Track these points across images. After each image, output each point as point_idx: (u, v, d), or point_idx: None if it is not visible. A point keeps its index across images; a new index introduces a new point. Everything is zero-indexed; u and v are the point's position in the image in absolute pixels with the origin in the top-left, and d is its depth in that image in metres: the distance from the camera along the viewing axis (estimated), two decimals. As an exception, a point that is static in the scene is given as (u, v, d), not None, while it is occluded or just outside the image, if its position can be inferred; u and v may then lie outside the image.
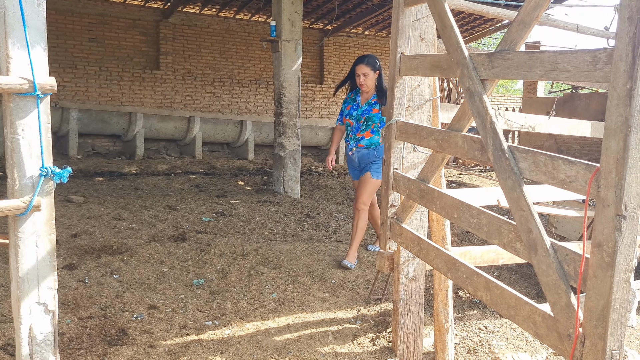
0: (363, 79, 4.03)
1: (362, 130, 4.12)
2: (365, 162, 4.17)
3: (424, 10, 2.66)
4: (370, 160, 4.14)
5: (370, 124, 4.10)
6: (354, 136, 4.17)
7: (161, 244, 4.48)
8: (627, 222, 1.37)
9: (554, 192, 2.92)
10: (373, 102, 4.11)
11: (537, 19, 1.73)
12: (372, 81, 4.06)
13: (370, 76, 4.04)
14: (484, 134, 1.87)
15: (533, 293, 4.04)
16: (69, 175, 1.82)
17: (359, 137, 4.14)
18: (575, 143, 9.07)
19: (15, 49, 1.70)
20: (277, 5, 7.03)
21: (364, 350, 2.94)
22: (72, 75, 9.89)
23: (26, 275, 1.81)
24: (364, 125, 4.12)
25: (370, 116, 4.08)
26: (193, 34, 11.05)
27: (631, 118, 1.32)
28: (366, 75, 4.02)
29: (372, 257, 4.61)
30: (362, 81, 4.04)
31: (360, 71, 4.04)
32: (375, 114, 4.07)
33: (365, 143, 4.13)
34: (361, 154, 4.16)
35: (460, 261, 2.10)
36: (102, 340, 2.84)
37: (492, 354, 3.05)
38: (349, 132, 4.21)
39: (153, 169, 8.76)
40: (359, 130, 4.13)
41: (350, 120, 4.18)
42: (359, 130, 4.13)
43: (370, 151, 4.14)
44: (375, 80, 4.08)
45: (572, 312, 1.53)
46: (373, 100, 4.12)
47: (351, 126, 4.18)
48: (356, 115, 4.14)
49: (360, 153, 4.16)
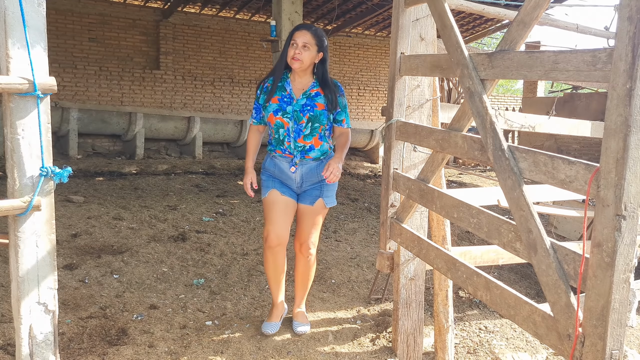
0: (299, 50, 2.71)
1: (307, 135, 2.80)
2: (312, 180, 2.86)
3: (424, 10, 2.66)
4: (320, 178, 2.85)
5: (316, 127, 2.80)
6: (295, 144, 2.81)
7: (161, 244, 4.49)
8: (626, 222, 1.37)
9: (554, 192, 2.92)
10: (314, 94, 2.81)
11: (537, 18, 1.73)
12: (310, 59, 2.76)
13: (310, 51, 2.74)
14: (484, 134, 1.87)
15: (533, 293, 4.04)
16: (69, 175, 1.82)
17: (305, 145, 2.81)
18: (575, 143, 9.07)
19: (15, 49, 1.70)
20: (277, 5, 7.03)
21: (364, 350, 2.95)
22: (72, 75, 9.89)
23: (26, 275, 1.81)
24: (307, 129, 2.80)
25: (315, 115, 2.78)
26: (193, 34, 11.05)
27: (631, 118, 1.32)
28: (306, 47, 2.72)
29: (372, 257, 4.61)
30: (297, 54, 2.71)
31: (300, 39, 2.72)
32: (321, 112, 2.79)
33: (314, 154, 2.84)
34: (308, 170, 2.84)
35: (460, 261, 2.10)
36: (102, 340, 2.85)
37: (492, 354, 3.05)
38: (281, 138, 2.82)
39: (153, 168, 8.76)
40: (301, 135, 2.80)
41: (284, 120, 2.79)
42: (300, 136, 2.80)
43: (320, 165, 2.85)
44: (314, 62, 2.80)
45: (572, 312, 1.53)
46: (313, 90, 2.82)
47: (285, 128, 2.80)
48: (292, 112, 2.78)
49: (307, 168, 2.84)
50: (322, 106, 2.80)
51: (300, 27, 2.78)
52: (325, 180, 2.76)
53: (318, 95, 2.82)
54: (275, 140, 2.87)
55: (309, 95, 2.81)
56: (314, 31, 2.76)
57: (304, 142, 2.81)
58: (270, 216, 2.83)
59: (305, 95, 2.81)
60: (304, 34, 2.74)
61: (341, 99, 2.85)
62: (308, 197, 2.88)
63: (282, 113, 2.79)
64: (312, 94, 2.82)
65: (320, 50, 2.78)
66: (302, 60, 2.73)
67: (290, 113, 2.79)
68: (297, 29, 2.77)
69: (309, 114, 2.78)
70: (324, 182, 2.85)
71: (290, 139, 2.81)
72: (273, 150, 2.89)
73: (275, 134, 2.84)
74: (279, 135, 2.82)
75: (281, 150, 2.84)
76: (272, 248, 2.83)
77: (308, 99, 2.80)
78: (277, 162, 2.87)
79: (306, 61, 2.74)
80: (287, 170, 2.85)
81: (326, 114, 2.81)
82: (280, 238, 2.81)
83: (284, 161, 2.85)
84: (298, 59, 2.72)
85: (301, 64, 2.74)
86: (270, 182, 2.88)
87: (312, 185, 2.88)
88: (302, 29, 2.76)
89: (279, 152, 2.85)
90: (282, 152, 2.84)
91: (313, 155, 2.84)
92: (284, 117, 2.79)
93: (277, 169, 2.87)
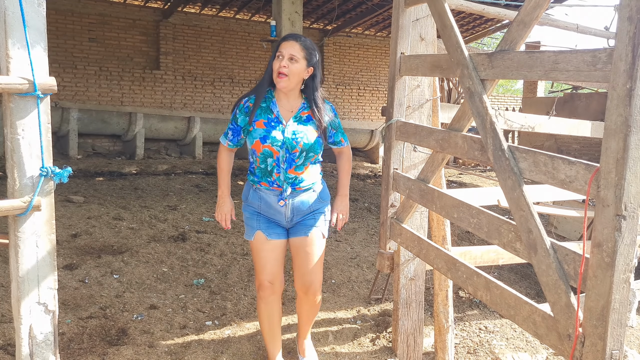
0: (286, 63, 2.31)
1: (299, 165, 2.40)
2: (304, 212, 2.47)
3: (424, 10, 2.66)
4: (312, 208, 2.48)
5: (310, 156, 2.42)
6: (285, 175, 2.38)
7: (161, 244, 4.49)
8: (626, 222, 1.37)
9: (554, 192, 2.92)
10: (305, 119, 2.42)
11: (537, 19, 1.73)
12: (298, 75, 2.35)
13: (299, 65, 2.34)
14: (484, 134, 1.87)
15: (533, 293, 4.04)
16: (69, 175, 1.82)
17: (296, 176, 2.40)
18: (575, 143, 9.07)
19: (15, 49, 1.70)
20: (277, 5, 7.03)
21: (364, 350, 2.95)
22: (72, 75, 9.90)
23: (26, 275, 1.81)
24: (301, 158, 2.39)
25: (309, 144, 2.39)
26: (193, 34, 11.06)
27: (631, 118, 1.32)
28: (294, 59, 2.32)
29: (372, 257, 4.61)
30: (283, 67, 2.31)
31: (287, 50, 2.33)
32: (316, 140, 2.41)
33: (307, 184, 2.45)
34: (299, 202, 2.44)
35: (460, 261, 2.10)
36: (102, 340, 2.85)
37: (492, 354, 3.05)
38: (268, 168, 2.39)
39: (153, 169, 8.76)
40: (293, 165, 2.39)
41: (273, 149, 2.35)
42: (292, 166, 2.38)
43: (311, 195, 2.47)
44: (303, 77, 2.39)
45: (572, 312, 1.53)
46: (303, 113, 2.43)
47: (274, 157, 2.36)
48: (284, 141, 2.35)
49: (298, 200, 2.44)
50: (315, 132, 2.41)
51: (287, 37, 2.38)
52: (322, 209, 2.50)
53: (309, 120, 2.42)
54: (260, 170, 2.40)
55: (299, 119, 2.41)
56: (302, 42, 2.36)
57: (296, 173, 2.40)
58: (260, 263, 2.46)
59: (296, 118, 2.41)
60: (291, 44, 2.34)
61: (335, 120, 2.52)
62: (301, 229, 2.47)
63: (270, 140, 2.34)
64: (302, 118, 2.42)
65: (310, 65, 2.37)
66: (289, 76, 2.31)
67: (280, 140, 2.35)
68: (284, 39, 2.38)
69: (303, 142, 2.37)
70: (318, 210, 2.50)
71: (280, 169, 2.38)
72: (257, 182, 2.43)
73: (261, 164, 2.38)
74: (266, 165, 2.38)
75: (268, 182, 2.40)
76: (266, 298, 2.48)
77: (299, 123, 2.40)
78: (263, 196, 2.43)
79: (293, 77, 2.33)
80: (274, 205, 2.42)
81: (319, 140, 2.43)
82: (274, 286, 2.47)
83: (271, 194, 2.42)
84: (284, 73, 2.31)
85: (287, 82, 2.32)
86: (255, 221, 2.45)
87: (304, 217, 2.47)
88: (290, 39, 2.36)
89: (265, 184, 2.41)
90: (269, 185, 2.40)
91: (305, 186, 2.44)
92: (273, 145, 2.34)
93: (263, 203, 2.43)
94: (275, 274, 2.46)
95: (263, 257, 2.45)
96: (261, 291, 2.47)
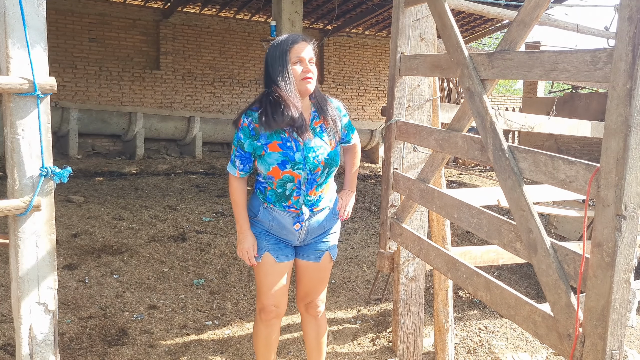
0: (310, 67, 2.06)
1: (321, 184, 2.15)
2: (318, 232, 2.24)
3: (424, 10, 2.66)
4: (326, 227, 2.25)
5: (332, 171, 2.17)
6: (305, 197, 2.12)
7: (161, 244, 4.49)
8: (627, 222, 1.37)
9: (554, 192, 2.92)
10: (319, 129, 2.14)
11: (537, 19, 1.73)
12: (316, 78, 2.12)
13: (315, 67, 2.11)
14: (484, 134, 1.87)
15: (533, 293, 4.04)
16: (69, 175, 1.82)
17: (315, 197, 2.16)
18: (575, 143, 9.07)
19: (15, 49, 1.70)
20: (277, 5, 7.03)
21: (364, 350, 2.95)
22: (72, 75, 9.90)
23: (26, 275, 1.81)
24: (322, 176, 2.14)
25: (331, 158, 2.13)
26: (193, 34, 11.06)
27: (631, 118, 1.32)
28: (311, 62, 2.09)
29: (372, 257, 4.61)
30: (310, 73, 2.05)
31: (306, 54, 2.06)
32: (335, 151, 2.17)
33: (325, 203, 2.21)
34: (315, 223, 2.20)
35: (460, 261, 2.10)
36: (102, 340, 2.85)
37: (492, 354, 3.05)
38: (287, 193, 2.11)
39: (153, 169, 8.77)
40: (314, 185, 2.13)
41: (295, 173, 2.07)
42: (313, 186, 2.13)
43: (328, 213, 2.25)
44: None
45: (572, 312, 1.53)
46: (316, 123, 2.14)
47: (295, 181, 2.09)
48: (306, 160, 2.07)
49: (315, 221, 2.20)
50: (333, 143, 2.15)
51: (298, 39, 2.06)
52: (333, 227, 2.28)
53: (322, 129, 2.14)
54: (274, 194, 2.12)
55: (314, 132, 2.12)
56: (311, 41, 2.10)
57: (317, 193, 2.15)
58: (264, 285, 2.22)
59: (317, 132, 2.13)
60: (305, 47, 2.05)
61: (345, 121, 2.27)
62: (312, 253, 2.26)
63: (291, 165, 2.05)
64: (316, 130, 2.13)
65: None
66: (314, 80, 2.07)
67: (301, 162, 2.06)
68: (296, 42, 2.05)
69: (324, 158, 2.10)
70: (330, 231, 2.27)
71: (300, 192, 2.11)
72: (270, 202, 2.15)
73: (279, 188, 2.10)
74: (284, 189, 2.10)
75: (283, 206, 2.14)
76: (268, 321, 2.26)
77: (315, 136, 2.11)
78: (276, 216, 2.15)
79: (314, 80, 2.08)
80: (288, 226, 2.16)
81: (338, 149, 2.19)
82: (278, 309, 2.26)
83: (287, 216, 2.15)
84: (311, 78, 2.05)
85: (313, 86, 2.08)
86: (264, 241, 2.19)
87: (317, 237, 2.25)
88: (301, 41, 2.06)
89: (279, 208, 2.15)
90: (284, 208, 2.14)
91: (323, 205, 2.20)
92: (294, 169, 2.05)
93: (276, 223, 2.16)
94: (281, 298, 2.25)
95: (270, 281, 2.20)
96: (264, 314, 2.25)
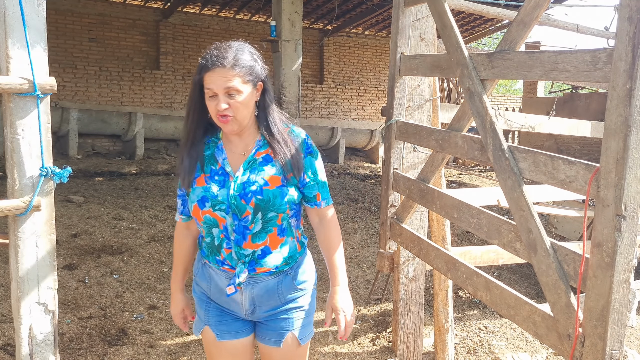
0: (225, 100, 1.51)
1: (258, 234, 1.60)
2: (272, 304, 1.68)
3: (424, 10, 2.66)
4: (282, 298, 1.68)
5: (272, 218, 1.61)
6: (239, 252, 1.61)
7: (161, 244, 4.49)
8: (626, 222, 1.37)
9: (554, 192, 2.92)
10: (262, 160, 1.62)
11: (537, 19, 1.73)
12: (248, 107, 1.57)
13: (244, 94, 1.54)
14: (484, 134, 1.87)
15: (533, 293, 4.04)
16: (69, 175, 1.82)
17: (254, 251, 1.61)
18: (575, 143, 9.07)
19: (15, 49, 1.70)
20: (277, 5, 7.04)
21: (364, 350, 2.95)
22: (72, 75, 9.90)
23: (26, 275, 1.81)
24: (257, 223, 1.59)
25: (266, 198, 1.58)
26: (193, 34, 11.06)
27: (631, 118, 1.32)
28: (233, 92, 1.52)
29: (372, 257, 4.61)
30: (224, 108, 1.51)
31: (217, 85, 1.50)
32: (276, 191, 1.59)
33: (273, 263, 1.64)
34: (263, 290, 1.65)
35: (460, 261, 2.10)
36: (102, 340, 2.85)
37: (492, 354, 3.05)
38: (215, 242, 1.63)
39: (153, 169, 8.77)
40: (247, 235, 1.60)
41: (216, 215, 1.59)
42: (247, 237, 1.60)
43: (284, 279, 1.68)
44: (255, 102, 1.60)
45: (572, 312, 1.53)
46: (260, 154, 1.63)
47: (221, 227, 1.60)
48: (230, 198, 1.57)
49: (261, 288, 1.65)
50: (276, 180, 1.60)
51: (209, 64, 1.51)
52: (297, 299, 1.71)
53: (268, 160, 1.62)
54: (207, 245, 1.66)
55: (252, 164, 1.61)
56: (234, 60, 1.52)
57: (254, 246, 1.61)
58: None
59: (248, 164, 1.61)
60: (219, 74, 1.50)
61: (309, 160, 1.67)
62: (270, 334, 1.71)
63: (211, 203, 1.57)
64: (257, 161, 1.62)
65: (258, 81, 1.58)
66: (235, 116, 1.53)
67: (225, 202, 1.57)
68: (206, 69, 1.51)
69: (255, 197, 1.56)
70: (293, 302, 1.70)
71: (230, 243, 1.61)
72: (204, 256, 1.70)
73: (207, 236, 1.65)
74: (212, 237, 1.63)
75: (216, 261, 1.65)
76: None
77: (252, 170, 1.60)
78: (213, 276, 1.68)
79: (241, 112, 1.54)
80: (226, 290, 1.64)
81: (285, 191, 1.60)
82: None
83: (223, 277, 1.65)
84: (228, 116, 1.52)
85: (237, 123, 1.55)
86: (203, 311, 1.73)
87: (272, 310, 1.68)
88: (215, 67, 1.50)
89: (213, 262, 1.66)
90: (218, 264, 1.65)
91: (271, 265, 1.63)
92: (215, 209, 1.58)
93: (213, 285, 1.69)
94: None
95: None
96: None
